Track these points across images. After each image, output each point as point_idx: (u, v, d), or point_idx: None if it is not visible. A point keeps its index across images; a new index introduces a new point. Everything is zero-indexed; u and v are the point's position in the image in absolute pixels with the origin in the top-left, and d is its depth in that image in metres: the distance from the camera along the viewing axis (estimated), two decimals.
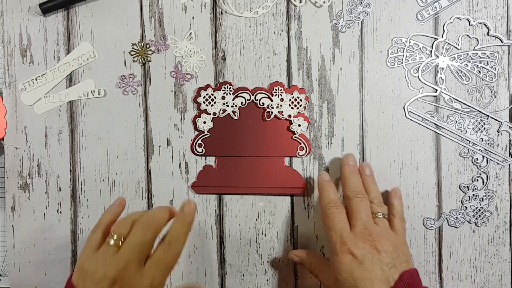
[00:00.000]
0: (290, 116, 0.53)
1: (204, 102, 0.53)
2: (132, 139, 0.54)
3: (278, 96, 0.53)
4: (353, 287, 0.42)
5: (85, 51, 0.54)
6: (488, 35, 0.53)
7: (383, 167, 0.53)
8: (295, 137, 0.53)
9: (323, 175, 0.51)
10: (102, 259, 0.39)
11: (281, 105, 0.53)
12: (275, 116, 0.53)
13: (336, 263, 0.43)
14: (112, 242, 0.39)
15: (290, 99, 0.53)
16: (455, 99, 0.53)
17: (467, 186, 0.53)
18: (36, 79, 0.54)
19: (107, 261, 0.38)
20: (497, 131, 0.53)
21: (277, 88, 0.52)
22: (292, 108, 0.53)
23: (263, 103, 0.53)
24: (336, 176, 0.53)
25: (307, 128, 0.53)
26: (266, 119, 0.53)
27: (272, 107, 0.53)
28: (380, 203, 0.48)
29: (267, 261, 0.54)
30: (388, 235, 0.45)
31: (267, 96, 0.53)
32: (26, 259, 0.55)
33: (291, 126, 0.52)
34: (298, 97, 0.53)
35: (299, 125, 0.52)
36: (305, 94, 0.53)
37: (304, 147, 0.53)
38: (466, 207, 0.53)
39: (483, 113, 0.53)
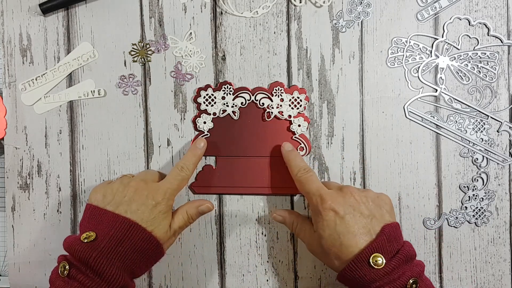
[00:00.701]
0: (290, 116, 0.53)
1: (204, 102, 0.53)
2: (132, 139, 0.54)
3: (278, 96, 0.53)
4: (337, 242, 0.43)
5: (85, 51, 0.54)
6: (488, 35, 0.53)
7: (383, 167, 0.53)
8: (295, 137, 0.53)
9: (286, 145, 0.51)
10: (119, 182, 0.46)
11: (281, 105, 0.53)
12: (275, 116, 0.53)
13: (320, 221, 0.44)
14: (126, 174, 0.49)
15: (290, 99, 0.53)
16: (455, 99, 0.53)
17: (467, 186, 0.53)
18: (36, 79, 0.54)
19: (124, 182, 0.46)
20: (497, 131, 0.53)
21: (277, 88, 0.52)
22: (292, 108, 0.53)
23: (263, 103, 0.53)
24: (336, 175, 0.53)
25: (307, 128, 0.53)
26: (266, 119, 0.53)
27: (272, 107, 0.53)
28: None
29: (267, 261, 0.54)
30: (366, 191, 0.47)
31: (267, 96, 0.53)
32: (26, 259, 0.55)
33: (291, 126, 0.52)
34: (298, 97, 0.53)
35: (299, 125, 0.52)
36: (305, 94, 0.53)
37: (304, 147, 0.53)
38: (466, 207, 0.53)
39: (483, 113, 0.53)
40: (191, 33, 0.54)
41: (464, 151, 0.53)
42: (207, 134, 0.53)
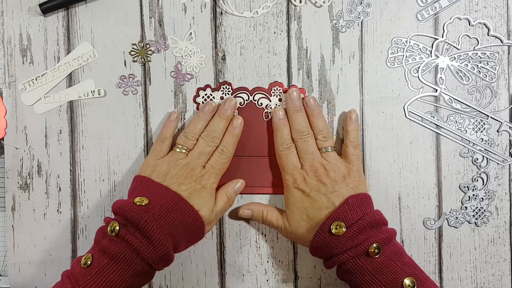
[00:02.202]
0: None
1: (202, 103, 0.53)
2: (132, 139, 0.54)
3: (277, 96, 0.53)
4: (303, 214, 0.47)
5: (85, 51, 0.54)
6: (488, 35, 0.53)
7: (383, 167, 0.53)
8: None
9: (278, 111, 0.51)
10: (173, 160, 0.48)
11: (279, 105, 0.53)
12: None
13: (289, 196, 0.49)
14: (178, 149, 0.49)
15: None
16: (455, 99, 0.53)
17: (467, 186, 0.53)
18: (36, 79, 0.54)
19: (177, 162, 0.48)
20: (497, 131, 0.53)
21: (275, 88, 0.52)
22: None
23: (261, 103, 0.53)
24: None
25: None
26: (265, 119, 0.53)
27: (270, 107, 0.53)
28: (325, 137, 0.50)
29: (267, 261, 0.54)
30: (335, 167, 0.48)
31: (265, 96, 0.53)
32: (26, 259, 0.54)
33: None
34: None
35: None
36: (305, 94, 0.53)
37: None
38: (466, 207, 0.53)
39: (483, 113, 0.53)
40: (191, 33, 0.54)
41: (464, 151, 0.53)
42: None
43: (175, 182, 0.47)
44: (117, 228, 0.43)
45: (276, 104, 0.53)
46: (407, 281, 0.42)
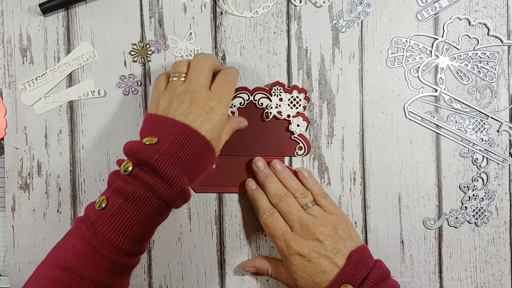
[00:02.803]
0: (289, 116, 0.53)
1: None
2: (132, 139, 0.54)
3: (277, 96, 0.53)
4: (309, 281, 0.45)
5: (85, 51, 0.54)
6: (488, 35, 0.53)
7: (383, 167, 0.53)
8: (294, 137, 0.53)
9: (249, 183, 0.52)
10: (172, 90, 0.45)
11: (280, 105, 0.53)
12: (274, 116, 0.53)
13: (289, 265, 0.47)
14: (175, 78, 0.46)
15: (289, 99, 0.52)
16: (455, 99, 0.53)
17: (467, 186, 0.53)
18: (36, 79, 0.54)
19: (177, 91, 0.45)
20: (497, 131, 0.53)
21: (276, 88, 0.52)
22: (291, 108, 0.53)
23: (262, 103, 0.53)
24: (336, 175, 0.53)
25: (306, 128, 0.53)
26: (265, 119, 0.53)
27: (271, 107, 0.53)
28: (302, 194, 0.50)
29: None
30: (325, 220, 0.47)
31: (266, 96, 0.53)
32: (26, 259, 0.54)
33: (290, 126, 0.52)
34: (297, 97, 0.53)
35: (298, 125, 0.52)
36: (305, 93, 0.53)
37: (303, 147, 0.53)
38: (466, 207, 0.53)
39: (483, 113, 0.53)
40: (191, 33, 0.54)
41: (464, 151, 0.53)
42: None
43: (181, 113, 0.43)
44: (130, 168, 0.41)
45: (277, 104, 0.52)
46: None
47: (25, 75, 0.54)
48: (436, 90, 0.53)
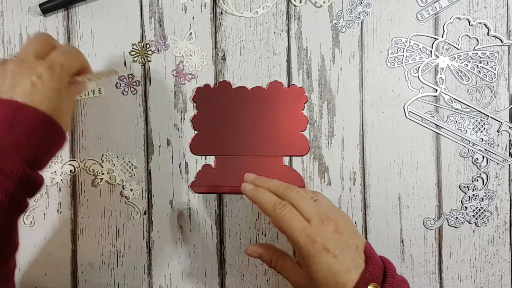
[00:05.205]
0: (122, 181, 0.53)
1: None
2: (132, 139, 0.54)
3: (109, 162, 0.53)
4: (331, 282, 0.39)
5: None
6: (488, 35, 0.53)
7: (383, 167, 0.53)
8: (128, 201, 0.53)
9: (246, 186, 0.45)
10: (1, 68, 0.39)
11: (113, 171, 0.53)
12: (106, 181, 0.53)
13: (312, 265, 0.39)
14: (9, 58, 0.40)
15: (121, 164, 0.53)
16: (455, 99, 0.53)
17: (467, 186, 0.53)
18: None
19: (6, 68, 0.38)
20: (497, 131, 0.53)
21: (107, 154, 0.52)
22: (124, 173, 0.53)
23: (93, 170, 0.53)
24: (336, 175, 0.53)
25: (306, 128, 0.53)
26: (96, 185, 0.53)
27: (102, 173, 0.53)
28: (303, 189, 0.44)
29: None
30: (333, 209, 0.43)
31: (97, 163, 0.53)
32: (26, 259, 0.54)
33: (123, 191, 0.53)
34: (129, 162, 0.53)
35: (131, 190, 0.53)
36: (304, 93, 0.53)
37: (138, 212, 0.54)
38: (466, 207, 0.53)
39: (483, 113, 0.53)
40: (191, 33, 0.54)
41: (464, 151, 0.53)
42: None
43: (7, 88, 0.37)
44: None
45: (110, 170, 0.52)
46: None
47: None
48: (436, 90, 0.53)
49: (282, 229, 0.41)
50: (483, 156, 0.53)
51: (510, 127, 0.53)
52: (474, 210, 0.53)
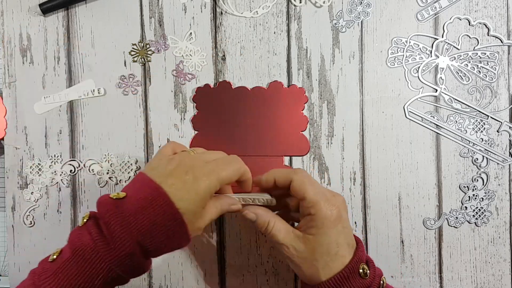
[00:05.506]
0: (122, 181, 0.53)
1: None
2: (132, 139, 0.54)
3: (108, 162, 0.53)
4: (333, 251, 0.41)
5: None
6: (488, 35, 0.53)
7: (383, 167, 0.53)
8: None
9: (264, 177, 0.45)
10: (172, 156, 0.42)
11: (113, 171, 0.53)
12: (107, 181, 0.53)
13: (324, 229, 0.41)
14: (186, 150, 0.44)
15: (121, 164, 0.53)
16: (455, 99, 0.53)
17: (467, 186, 0.53)
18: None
19: (174, 156, 0.42)
20: (497, 131, 0.53)
21: (107, 154, 0.53)
22: (124, 173, 0.53)
23: (93, 169, 0.53)
24: (336, 175, 0.53)
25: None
26: (96, 186, 0.53)
27: (103, 174, 0.53)
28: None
29: (267, 261, 0.54)
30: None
31: (97, 163, 0.53)
32: (26, 259, 0.54)
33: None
34: (128, 161, 0.53)
35: None
36: (304, 93, 0.53)
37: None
38: (466, 207, 0.53)
39: (483, 113, 0.53)
40: (191, 33, 0.54)
41: (464, 151, 0.53)
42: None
43: (163, 174, 0.39)
44: (86, 219, 0.38)
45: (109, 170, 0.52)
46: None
47: (25, 75, 0.54)
48: (436, 90, 0.53)
49: (302, 190, 0.42)
50: (483, 156, 0.53)
51: (510, 127, 0.53)
52: (474, 210, 0.53)
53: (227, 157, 0.44)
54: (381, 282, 0.42)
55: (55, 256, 0.38)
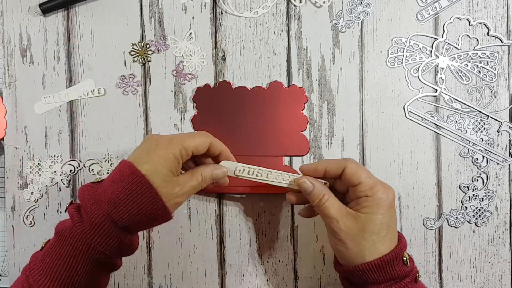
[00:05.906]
0: None
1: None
2: (132, 139, 0.54)
3: (109, 162, 0.53)
4: (382, 232, 0.41)
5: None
6: (488, 35, 0.53)
7: (383, 167, 0.53)
8: None
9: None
10: None
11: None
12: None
13: (380, 209, 0.41)
14: None
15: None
16: (455, 99, 0.53)
17: (467, 186, 0.53)
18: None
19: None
20: (497, 131, 0.53)
21: (107, 154, 0.52)
22: None
23: (92, 169, 0.53)
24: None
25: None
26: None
27: (103, 174, 0.53)
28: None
29: (267, 261, 0.54)
30: None
31: (97, 163, 0.53)
32: (26, 259, 0.54)
33: None
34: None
35: None
36: (304, 93, 0.53)
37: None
38: (466, 207, 0.53)
39: (483, 113, 0.53)
40: (191, 33, 0.54)
41: (464, 151, 0.53)
42: None
43: (133, 153, 0.42)
44: (67, 205, 0.42)
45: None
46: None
47: (25, 75, 0.54)
48: (436, 90, 0.53)
49: (357, 175, 0.43)
50: (483, 156, 0.53)
51: (510, 127, 0.53)
52: (474, 210, 0.53)
53: (194, 132, 0.46)
54: (418, 274, 0.43)
55: (43, 245, 0.42)
